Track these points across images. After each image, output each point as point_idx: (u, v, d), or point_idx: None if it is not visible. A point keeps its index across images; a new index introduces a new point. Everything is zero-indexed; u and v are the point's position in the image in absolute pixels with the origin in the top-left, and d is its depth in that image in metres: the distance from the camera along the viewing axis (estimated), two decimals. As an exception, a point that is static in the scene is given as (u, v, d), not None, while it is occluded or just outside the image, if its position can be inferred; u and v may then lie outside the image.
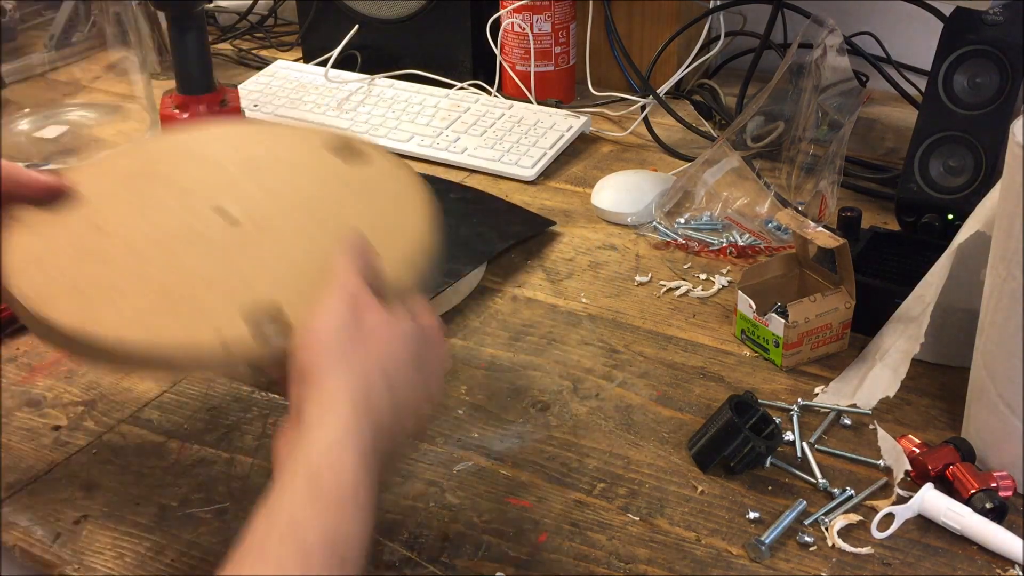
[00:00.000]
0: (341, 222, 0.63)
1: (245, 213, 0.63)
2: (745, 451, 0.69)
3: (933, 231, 0.92)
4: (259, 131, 0.74)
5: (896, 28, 1.29)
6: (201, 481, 0.71)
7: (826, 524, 0.66)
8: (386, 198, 0.66)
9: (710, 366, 0.82)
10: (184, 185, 0.66)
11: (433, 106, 1.25)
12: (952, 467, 0.68)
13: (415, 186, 0.67)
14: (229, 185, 0.65)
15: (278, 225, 0.62)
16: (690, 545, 0.65)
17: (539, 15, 1.26)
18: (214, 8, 1.59)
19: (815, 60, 1.01)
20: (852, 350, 0.83)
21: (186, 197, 0.64)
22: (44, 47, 1.30)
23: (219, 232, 0.61)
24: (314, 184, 0.67)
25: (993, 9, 0.89)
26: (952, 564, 0.64)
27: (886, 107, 1.27)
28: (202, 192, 0.65)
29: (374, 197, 0.66)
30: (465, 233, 0.97)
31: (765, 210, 1.00)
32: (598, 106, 1.29)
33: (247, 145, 0.71)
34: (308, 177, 0.67)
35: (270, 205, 0.64)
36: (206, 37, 1.12)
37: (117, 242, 0.60)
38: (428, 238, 0.63)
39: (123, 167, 0.69)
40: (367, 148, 0.70)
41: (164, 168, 0.68)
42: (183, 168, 0.68)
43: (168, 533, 0.67)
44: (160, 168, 0.68)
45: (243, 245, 0.61)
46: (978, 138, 0.89)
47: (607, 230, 1.03)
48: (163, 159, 0.70)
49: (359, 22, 1.35)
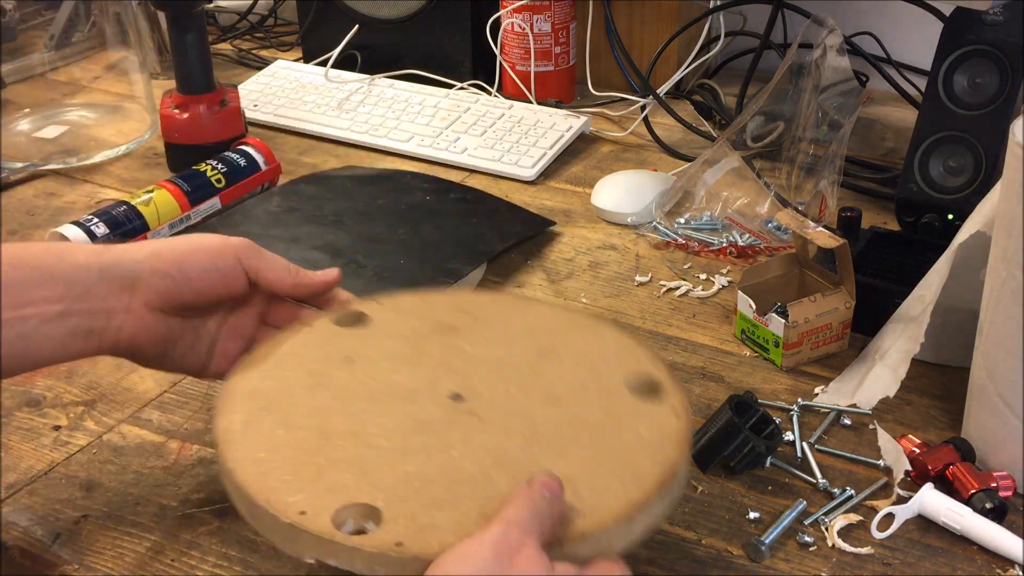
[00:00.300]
0: (563, 453, 0.56)
1: (482, 407, 0.59)
2: (745, 451, 0.69)
3: (933, 231, 0.92)
4: (574, 324, 0.68)
5: (896, 28, 1.29)
6: (201, 481, 0.71)
7: (826, 524, 0.66)
8: (638, 438, 0.57)
9: (710, 366, 0.82)
10: (450, 363, 0.63)
11: (433, 106, 1.25)
12: (952, 467, 0.68)
13: (679, 439, 0.58)
14: (494, 373, 0.62)
15: (499, 431, 0.57)
16: (690, 545, 0.65)
17: (539, 15, 1.26)
18: (214, 8, 1.59)
19: (815, 60, 1.01)
20: (852, 350, 0.83)
21: (441, 372, 0.62)
22: (44, 47, 1.30)
23: (443, 423, 0.58)
24: (579, 406, 0.60)
25: (993, 9, 0.89)
26: (952, 564, 0.64)
27: (886, 107, 1.27)
28: (461, 370, 0.62)
29: (623, 430, 0.58)
30: (465, 233, 0.97)
31: (765, 210, 1.00)
32: (598, 106, 1.29)
33: (547, 333, 0.66)
34: (584, 401, 0.61)
35: (511, 405, 0.60)
36: (206, 37, 1.12)
37: (349, 428, 0.57)
38: (658, 498, 0.54)
39: (407, 326, 0.67)
40: (670, 386, 0.61)
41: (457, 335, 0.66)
42: (474, 338, 0.65)
43: (168, 533, 0.67)
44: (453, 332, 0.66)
45: (453, 443, 0.57)
46: (978, 138, 0.89)
47: (607, 230, 1.03)
48: (469, 320, 0.67)
49: (359, 22, 1.35)
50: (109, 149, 1.19)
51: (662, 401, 0.60)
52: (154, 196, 0.99)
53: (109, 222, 0.95)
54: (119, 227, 0.95)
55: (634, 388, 0.61)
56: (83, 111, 1.26)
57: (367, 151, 1.21)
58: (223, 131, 1.13)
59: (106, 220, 0.95)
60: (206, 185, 1.03)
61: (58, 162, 1.17)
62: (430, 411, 0.59)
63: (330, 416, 0.58)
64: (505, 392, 0.60)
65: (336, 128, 1.23)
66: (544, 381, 0.62)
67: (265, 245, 0.94)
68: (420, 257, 0.92)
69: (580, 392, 0.61)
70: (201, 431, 0.76)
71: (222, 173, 1.04)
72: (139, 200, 0.99)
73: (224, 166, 1.05)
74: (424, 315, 0.68)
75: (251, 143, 1.09)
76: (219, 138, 1.13)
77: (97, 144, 1.20)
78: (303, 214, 0.99)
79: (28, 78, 1.27)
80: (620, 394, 0.61)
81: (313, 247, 0.93)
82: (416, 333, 0.66)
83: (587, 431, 0.58)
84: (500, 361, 0.63)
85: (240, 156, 1.07)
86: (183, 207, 1.01)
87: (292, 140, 1.24)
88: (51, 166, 1.16)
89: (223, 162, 1.05)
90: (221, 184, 1.04)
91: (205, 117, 1.11)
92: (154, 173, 1.14)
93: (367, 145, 1.21)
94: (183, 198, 1.01)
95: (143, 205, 0.98)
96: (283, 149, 1.21)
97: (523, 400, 0.60)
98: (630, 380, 0.62)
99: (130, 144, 1.20)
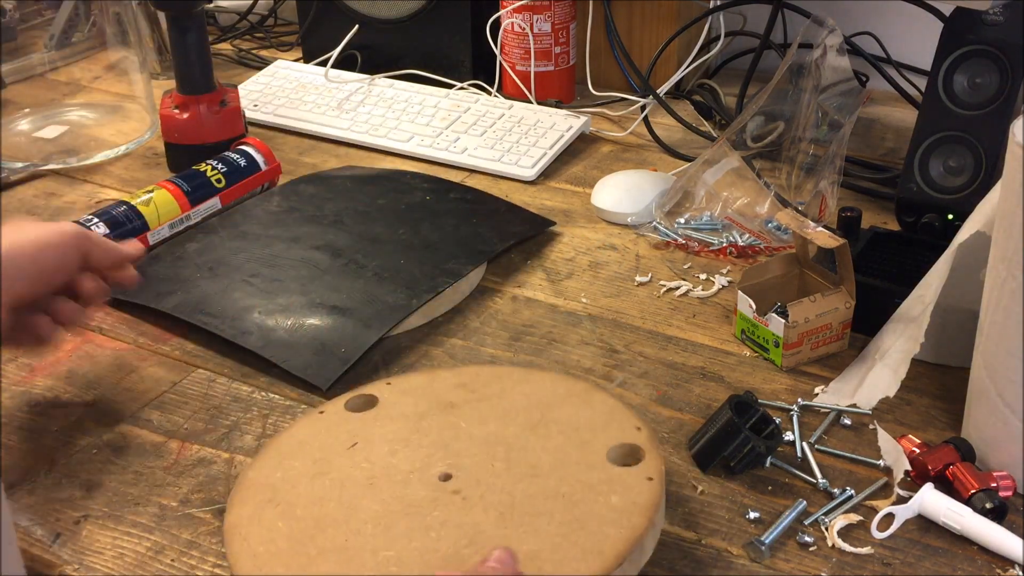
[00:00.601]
0: (535, 528, 0.59)
1: (467, 485, 0.63)
2: (745, 451, 0.69)
3: (933, 231, 0.91)
4: (570, 396, 0.71)
5: (896, 28, 1.29)
6: (201, 481, 0.71)
7: (826, 524, 0.66)
8: (609, 508, 0.60)
9: (710, 366, 0.82)
10: (447, 442, 0.67)
11: (433, 106, 1.25)
12: (952, 467, 0.68)
13: (649, 506, 0.60)
14: (483, 450, 0.66)
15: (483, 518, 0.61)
16: (690, 545, 0.65)
17: (539, 15, 1.26)
18: (214, 8, 1.59)
19: (815, 60, 1.01)
20: (852, 350, 0.83)
21: (435, 451, 0.66)
22: (44, 47, 1.30)
23: (429, 504, 0.62)
24: (556, 481, 0.63)
25: (993, 9, 0.89)
26: (952, 564, 0.64)
27: (886, 107, 1.27)
28: (454, 448, 0.66)
29: (596, 500, 0.61)
30: (465, 233, 0.97)
31: (765, 210, 1.00)
32: (598, 106, 1.29)
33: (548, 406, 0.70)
34: (564, 473, 0.64)
35: (494, 481, 0.63)
36: (206, 37, 1.12)
37: (341, 515, 0.62)
38: (619, 569, 0.57)
39: (409, 409, 0.71)
40: (649, 451, 0.64)
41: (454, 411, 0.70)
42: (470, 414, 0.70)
43: (168, 533, 0.67)
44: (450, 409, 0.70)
45: (444, 525, 0.61)
46: (978, 138, 0.89)
47: (607, 230, 1.03)
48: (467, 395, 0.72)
49: (359, 22, 1.35)
50: (109, 149, 1.19)
51: (640, 466, 0.63)
52: (154, 196, 0.99)
53: (109, 222, 0.95)
54: (119, 227, 0.95)
55: (614, 456, 0.65)
56: (83, 111, 1.27)
57: (367, 151, 1.21)
58: (223, 131, 1.13)
59: (106, 220, 0.95)
60: (206, 185, 1.03)
61: (58, 162, 1.17)
62: (419, 493, 0.63)
63: (326, 504, 0.63)
64: (491, 468, 0.64)
65: (336, 128, 1.23)
66: (529, 454, 0.65)
67: (265, 245, 0.95)
68: (420, 257, 0.92)
69: (561, 465, 0.64)
70: (201, 431, 0.76)
71: (222, 173, 1.04)
72: (139, 200, 0.99)
73: (224, 166, 1.05)
74: (428, 394, 0.73)
75: (251, 143, 1.09)
76: (219, 138, 1.13)
77: (97, 144, 1.20)
78: (303, 214, 0.99)
79: (28, 78, 1.27)
80: (600, 464, 0.64)
81: (313, 247, 0.93)
82: (418, 412, 0.71)
83: (561, 504, 0.61)
84: (491, 437, 0.67)
85: (240, 156, 1.07)
86: (183, 207, 1.01)
87: (292, 140, 1.24)
88: (51, 166, 1.16)
89: (223, 162, 1.05)
90: (221, 184, 1.04)
91: (205, 117, 1.11)
92: (154, 173, 1.14)
93: (367, 145, 1.21)
94: (183, 198, 1.01)
95: (143, 205, 0.98)
96: (283, 149, 1.21)
97: (506, 475, 0.64)
98: (612, 448, 0.65)
99: (130, 144, 1.20)
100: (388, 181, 1.08)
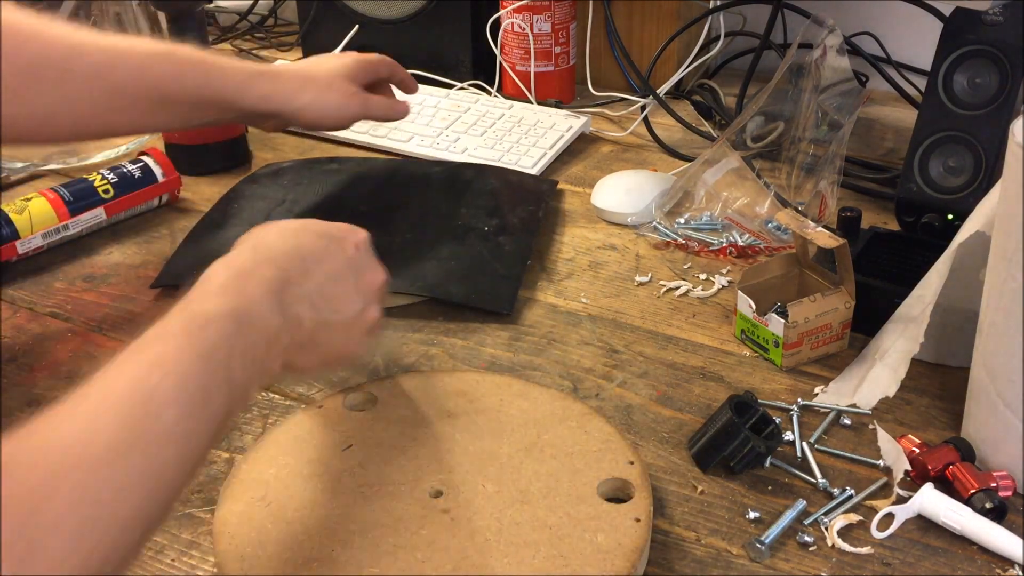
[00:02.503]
0: (518, 560, 0.60)
1: (457, 506, 0.63)
2: (745, 451, 0.69)
3: (933, 231, 0.92)
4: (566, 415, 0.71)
5: (896, 28, 1.29)
6: (201, 481, 0.71)
7: (826, 524, 0.66)
8: (593, 547, 0.60)
9: (710, 366, 0.82)
10: (441, 453, 0.68)
11: (433, 106, 1.25)
12: (952, 467, 0.68)
13: (633, 549, 0.60)
14: (476, 469, 0.66)
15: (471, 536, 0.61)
16: (690, 545, 0.65)
17: (539, 15, 1.26)
18: (214, 8, 1.59)
19: (815, 60, 1.01)
20: (852, 350, 0.83)
21: (429, 464, 0.67)
22: (44, 47, 1.29)
23: (418, 522, 0.62)
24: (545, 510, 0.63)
25: (993, 9, 0.89)
26: (952, 564, 0.64)
27: (886, 107, 1.27)
28: (448, 464, 0.67)
29: (582, 537, 0.61)
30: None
31: (765, 210, 1.00)
32: (598, 106, 1.29)
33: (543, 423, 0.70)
34: (553, 503, 0.64)
35: (483, 504, 0.63)
36: (206, 37, 1.12)
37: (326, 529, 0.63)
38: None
39: (397, 415, 0.72)
40: (639, 488, 0.65)
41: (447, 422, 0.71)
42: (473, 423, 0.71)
43: (168, 533, 0.67)
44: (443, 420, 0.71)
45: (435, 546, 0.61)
46: (978, 138, 0.89)
47: (607, 230, 1.03)
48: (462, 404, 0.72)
49: (359, 22, 1.35)
50: (109, 149, 1.19)
51: (629, 504, 0.63)
52: (30, 204, 0.97)
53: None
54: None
55: (605, 490, 0.65)
56: (83, 111, 1.26)
57: (367, 151, 1.21)
58: (223, 131, 1.13)
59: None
60: (90, 194, 1.01)
61: (58, 162, 1.17)
62: (409, 508, 0.63)
63: (317, 509, 0.64)
64: (482, 490, 0.64)
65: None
66: (521, 478, 0.65)
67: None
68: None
69: (552, 493, 0.64)
70: (201, 431, 0.76)
71: (111, 183, 1.02)
72: (12, 207, 0.96)
73: (115, 176, 1.03)
74: (427, 399, 0.73)
75: (151, 154, 1.07)
76: (219, 138, 1.13)
77: (97, 144, 1.19)
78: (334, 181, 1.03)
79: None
80: (590, 496, 0.64)
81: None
82: (416, 418, 0.71)
83: (547, 536, 0.61)
84: (485, 456, 0.67)
85: (137, 167, 1.05)
86: (61, 216, 0.98)
87: (292, 140, 1.24)
88: (51, 166, 1.16)
89: (116, 172, 1.03)
90: (109, 195, 1.01)
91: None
92: (154, 173, 1.14)
93: (367, 145, 1.21)
94: (62, 207, 0.98)
95: (15, 213, 0.95)
96: (283, 149, 1.21)
97: (496, 500, 0.64)
98: (603, 482, 0.65)
99: (130, 144, 1.20)
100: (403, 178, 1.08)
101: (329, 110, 0.90)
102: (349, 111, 0.92)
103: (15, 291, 0.94)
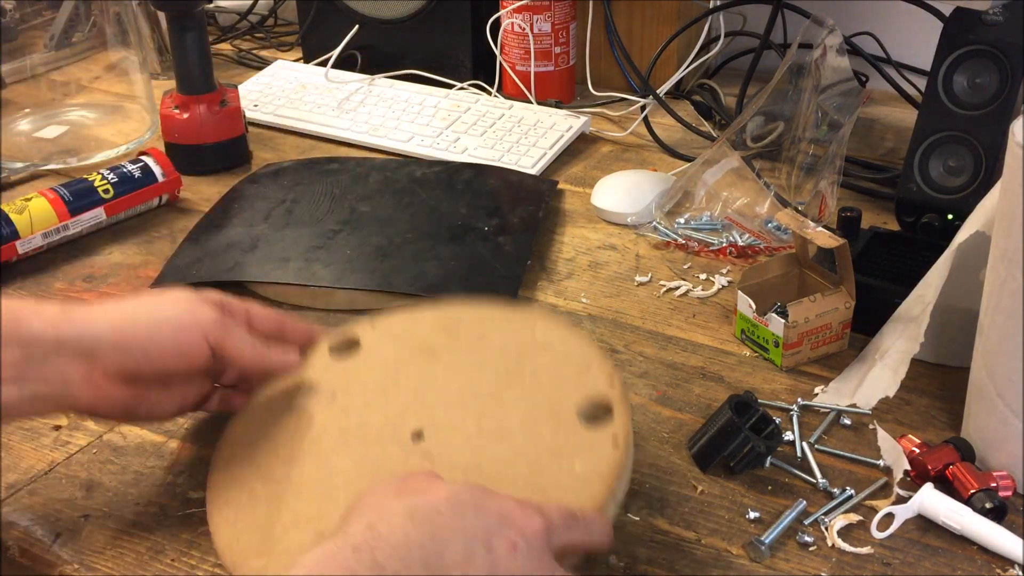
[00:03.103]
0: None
1: (436, 446, 0.63)
2: (745, 451, 0.69)
3: (933, 231, 0.92)
4: (542, 341, 0.70)
5: (896, 28, 1.29)
6: (201, 481, 0.71)
7: (826, 524, 0.66)
8: (571, 475, 0.60)
9: (710, 366, 0.82)
10: (415, 392, 0.68)
11: (433, 106, 1.25)
12: (952, 467, 0.68)
13: (610, 473, 0.60)
14: (457, 405, 0.66)
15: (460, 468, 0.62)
16: (690, 545, 0.65)
17: (539, 15, 1.26)
18: (214, 8, 1.59)
19: (815, 60, 1.01)
20: (852, 350, 0.83)
21: (410, 404, 0.67)
22: (44, 47, 1.30)
23: (398, 465, 0.63)
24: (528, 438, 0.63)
25: (993, 9, 0.89)
26: (952, 564, 0.64)
27: (886, 107, 1.27)
28: (428, 403, 0.67)
29: (560, 465, 0.61)
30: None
31: (765, 210, 1.00)
32: (598, 106, 1.29)
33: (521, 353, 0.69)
34: (531, 433, 0.63)
35: (462, 442, 0.64)
36: (206, 37, 1.12)
37: (309, 481, 0.64)
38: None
39: (385, 356, 0.72)
40: (618, 408, 0.63)
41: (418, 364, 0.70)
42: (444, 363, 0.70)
43: (168, 533, 0.67)
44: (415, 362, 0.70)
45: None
46: (978, 138, 0.89)
47: (607, 230, 1.03)
48: (439, 343, 0.71)
49: (359, 22, 1.35)
50: (109, 149, 1.19)
51: (607, 426, 0.62)
52: (30, 204, 0.97)
53: None
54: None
55: (584, 414, 0.64)
56: (83, 111, 1.27)
57: (367, 151, 1.21)
58: (223, 131, 1.13)
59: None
60: (90, 194, 1.01)
61: (58, 162, 1.17)
62: (390, 452, 0.64)
63: (303, 463, 0.65)
64: (462, 428, 0.64)
65: (336, 128, 1.23)
66: (500, 412, 0.65)
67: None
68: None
69: (530, 424, 0.64)
70: (201, 431, 0.76)
71: (111, 183, 1.02)
72: (13, 207, 0.96)
73: (115, 176, 1.03)
74: (410, 338, 0.73)
75: (152, 154, 1.07)
76: (219, 138, 1.13)
77: (97, 144, 1.20)
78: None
79: (28, 78, 1.27)
80: (568, 423, 0.63)
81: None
82: (398, 359, 0.71)
83: (526, 469, 0.61)
84: (465, 390, 0.67)
85: (137, 167, 1.05)
86: (61, 216, 0.98)
87: (292, 140, 1.24)
88: (51, 166, 1.16)
89: (116, 172, 1.03)
90: (109, 195, 1.01)
91: (205, 117, 1.11)
92: (154, 173, 1.14)
93: (367, 145, 1.21)
94: (62, 207, 0.98)
95: (15, 212, 0.95)
96: (283, 149, 1.21)
97: (476, 437, 0.64)
98: (581, 405, 0.64)
99: (130, 144, 1.20)
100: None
101: None
102: None
103: (15, 291, 0.94)
